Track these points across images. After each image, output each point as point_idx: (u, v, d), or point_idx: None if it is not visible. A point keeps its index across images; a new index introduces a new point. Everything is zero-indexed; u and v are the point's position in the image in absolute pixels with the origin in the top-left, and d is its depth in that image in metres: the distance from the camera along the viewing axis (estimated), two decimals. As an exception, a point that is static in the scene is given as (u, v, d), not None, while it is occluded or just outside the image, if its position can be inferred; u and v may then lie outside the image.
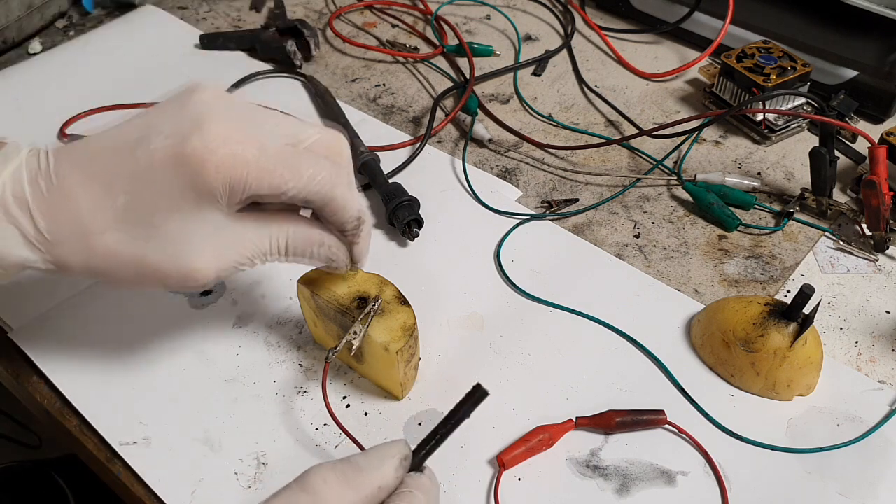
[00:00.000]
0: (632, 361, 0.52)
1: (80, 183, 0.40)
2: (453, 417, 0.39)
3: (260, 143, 0.39)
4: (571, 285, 0.57)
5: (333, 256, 0.45)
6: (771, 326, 0.49)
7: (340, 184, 0.42)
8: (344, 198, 0.42)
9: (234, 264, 0.42)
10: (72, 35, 0.85)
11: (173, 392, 0.51)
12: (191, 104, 0.40)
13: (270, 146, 0.40)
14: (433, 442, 0.39)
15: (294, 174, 0.40)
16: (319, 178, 0.41)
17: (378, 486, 0.36)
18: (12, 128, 0.72)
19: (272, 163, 0.39)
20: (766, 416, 0.49)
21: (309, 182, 0.40)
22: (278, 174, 0.40)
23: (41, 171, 0.40)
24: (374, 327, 0.46)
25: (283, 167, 0.40)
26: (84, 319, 0.55)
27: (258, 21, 0.86)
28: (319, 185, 0.41)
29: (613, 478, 0.46)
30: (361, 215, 0.44)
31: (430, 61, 0.80)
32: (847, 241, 0.60)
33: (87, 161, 0.40)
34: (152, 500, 0.46)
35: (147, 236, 0.40)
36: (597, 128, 0.72)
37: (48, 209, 0.40)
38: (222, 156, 0.38)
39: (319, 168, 0.41)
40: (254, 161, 0.39)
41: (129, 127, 0.41)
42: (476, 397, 0.39)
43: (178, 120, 0.39)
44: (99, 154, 0.40)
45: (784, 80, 0.66)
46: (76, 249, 0.41)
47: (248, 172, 0.39)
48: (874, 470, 0.46)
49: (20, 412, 0.89)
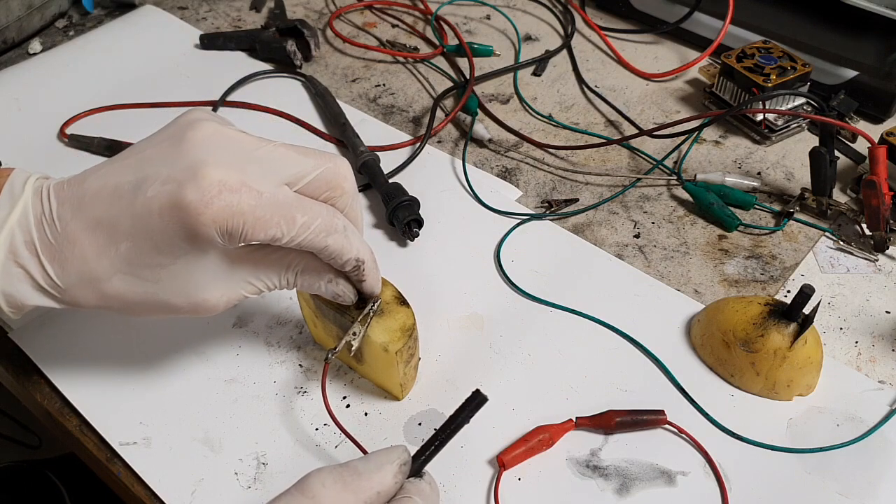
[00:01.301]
0: (632, 361, 0.52)
1: (83, 229, 0.40)
2: (452, 423, 0.39)
3: (256, 190, 0.39)
4: (571, 285, 0.57)
5: (340, 293, 0.45)
6: (771, 326, 0.49)
7: (335, 231, 0.42)
8: (338, 245, 0.42)
9: (243, 294, 0.43)
10: (72, 35, 0.85)
11: (173, 392, 0.51)
12: (186, 144, 0.39)
13: (267, 193, 0.39)
14: (433, 447, 0.39)
15: (289, 224, 0.40)
16: (314, 227, 0.41)
17: (377, 491, 0.37)
18: (12, 128, 0.72)
19: (268, 212, 0.39)
20: (766, 416, 0.49)
21: (302, 231, 0.40)
22: (274, 224, 0.39)
23: (45, 216, 0.41)
24: (373, 328, 0.46)
25: (279, 216, 0.39)
26: (84, 319, 0.55)
27: (258, 21, 0.86)
28: (314, 233, 0.41)
29: (613, 478, 0.46)
30: (360, 257, 0.43)
31: (430, 61, 0.80)
32: (847, 241, 0.60)
33: (89, 206, 0.40)
34: (152, 500, 0.46)
35: (154, 278, 0.41)
36: (597, 128, 0.72)
37: (55, 256, 0.41)
38: (217, 208, 0.38)
39: (314, 216, 0.41)
40: (249, 211, 0.38)
41: (125, 167, 0.41)
42: (475, 403, 0.39)
43: (173, 164, 0.39)
44: (98, 198, 0.40)
45: (784, 80, 0.66)
46: (86, 293, 0.42)
47: (245, 223, 0.39)
48: (874, 470, 0.46)
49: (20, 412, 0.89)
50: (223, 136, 0.40)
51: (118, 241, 0.40)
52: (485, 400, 0.39)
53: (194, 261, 0.40)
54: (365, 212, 0.63)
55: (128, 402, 0.50)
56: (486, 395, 0.39)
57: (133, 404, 0.50)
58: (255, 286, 0.43)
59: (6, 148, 0.69)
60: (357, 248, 0.43)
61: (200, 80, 0.76)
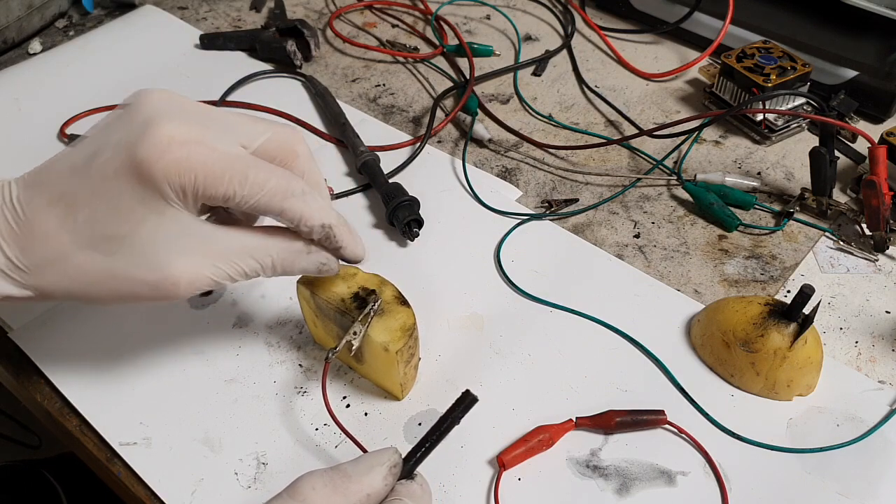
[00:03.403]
0: (632, 361, 0.52)
1: (43, 207, 0.40)
2: (443, 424, 0.39)
3: (209, 145, 0.38)
4: (571, 285, 0.57)
5: (323, 260, 0.44)
6: (771, 326, 0.49)
7: (291, 195, 0.40)
8: (296, 209, 0.40)
9: (209, 277, 0.41)
10: (72, 35, 0.85)
11: (173, 392, 0.51)
12: (139, 109, 0.39)
13: (219, 149, 0.38)
14: (423, 449, 0.39)
15: (241, 182, 0.39)
16: (268, 188, 0.39)
17: (366, 493, 0.37)
18: (12, 128, 0.72)
19: (220, 168, 0.38)
20: (766, 416, 0.49)
21: (255, 190, 0.39)
22: (226, 181, 0.38)
23: (6, 202, 0.40)
24: (373, 327, 0.46)
25: (231, 173, 0.38)
26: (84, 319, 0.55)
27: (258, 21, 0.86)
28: (268, 195, 0.39)
29: (613, 478, 0.46)
30: (326, 221, 0.42)
31: (430, 61, 0.80)
32: (847, 241, 0.60)
33: (48, 185, 0.40)
34: (152, 500, 0.46)
35: (115, 250, 0.39)
36: (597, 128, 0.72)
37: (17, 239, 0.40)
38: (169, 161, 0.37)
39: (267, 176, 0.39)
40: (200, 167, 0.38)
41: (83, 144, 0.41)
42: (466, 403, 0.39)
43: (126, 128, 0.39)
44: (58, 176, 0.40)
45: (784, 80, 0.66)
46: (50, 274, 0.40)
47: (196, 177, 0.38)
48: (874, 470, 0.46)
49: (20, 412, 0.89)
50: (176, 100, 0.40)
51: (76, 212, 0.39)
52: (475, 400, 0.39)
53: (153, 225, 0.39)
54: (365, 212, 0.63)
55: (128, 402, 0.50)
56: (477, 395, 0.39)
57: (133, 404, 0.50)
58: (225, 270, 0.41)
59: (6, 148, 0.69)
60: (319, 212, 0.41)
61: (200, 80, 0.76)
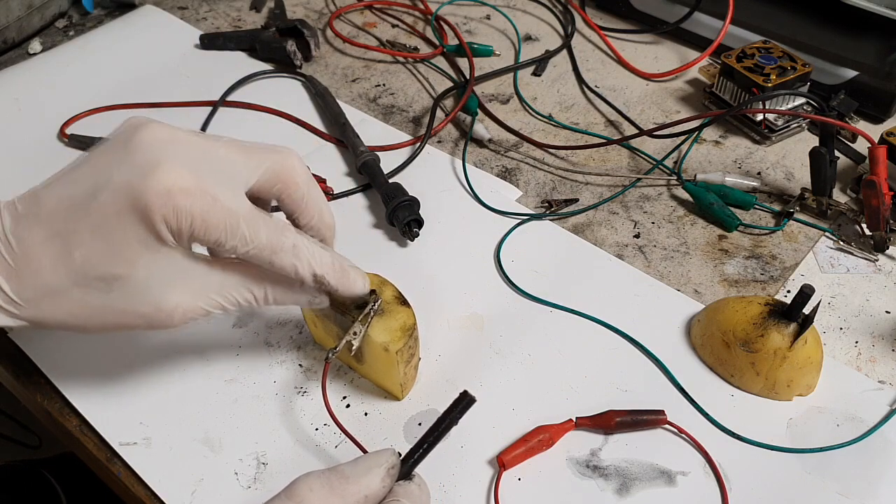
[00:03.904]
0: (632, 361, 0.52)
1: (39, 243, 0.40)
2: (441, 425, 0.39)
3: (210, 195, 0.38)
4: (571, 285, 0.57)
5: (315, 295, 0.44)
6: (771, 326, 0.49)
7: (281, 250, 0.40)
8: (285, 264, 0.41)
9: (202, 307, 0.41)
10: (72, 35, 0.85)
11: (173, 392, 0.51)
12: (140, 147, 0.39)
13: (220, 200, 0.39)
14: (421, 450, 0.39)
15: (233, 234, 0.39)
16: (256, 242, 0.40)
17: (364, 494, 0.37)
18: (12, 128, 0.72)
19: (216, 219, 0.38)
20: (766, 416, 0.49)
21: (242, 243, 0.39)
22: (220, 231, 0.39)
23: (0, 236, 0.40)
24: (373, 327, 0.46)
25: (225, 225, 0.39)
26: (84, 319, 0.55)
27: (258, 21, 0.86)
28: (257, 249, 0.40)
29: (613, 478, 0.46)
30: (317, 272, 0.42)
31: (430, 61, 0.80)
32: (847, 241, 0.60)
33: (45, 220, 0.40)
34: (152, 500, 0.46)
35: (110, 287, 0.40)
36: (597, 128, 0.72)
37: (11, 274, 0.40)
38: (170, 208, 0.38)
39: (256, 230, 0.40)
40: (199, 214, 0.38)
41: (78, 176, 0.40)
42: (463, 404, 0.39)
43: (128, 168, 0.39)
44: (56, 213, 0.40)
45: (784, 80, 0.66)
46: (45, 308, 0.41)
47: (193, 223, 0.38)
48: (874, 470, 0.46)
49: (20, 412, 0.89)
50: (175, 138, 0.40)
51: (73, 250, 0.39)
52: (473, 401, 0.39)
53: (149, 265, 0.39)
54: (365, 212, 0.63)
55: (128, 402, 0.50)
56: (475, 395, 0.39)
57: (133, 404, 0.50)
58: (218, 301, 0.41)
59: (6, 148, 0.69)
60: (311, 263, 0.42)
61: (200, 80, 0.76)
